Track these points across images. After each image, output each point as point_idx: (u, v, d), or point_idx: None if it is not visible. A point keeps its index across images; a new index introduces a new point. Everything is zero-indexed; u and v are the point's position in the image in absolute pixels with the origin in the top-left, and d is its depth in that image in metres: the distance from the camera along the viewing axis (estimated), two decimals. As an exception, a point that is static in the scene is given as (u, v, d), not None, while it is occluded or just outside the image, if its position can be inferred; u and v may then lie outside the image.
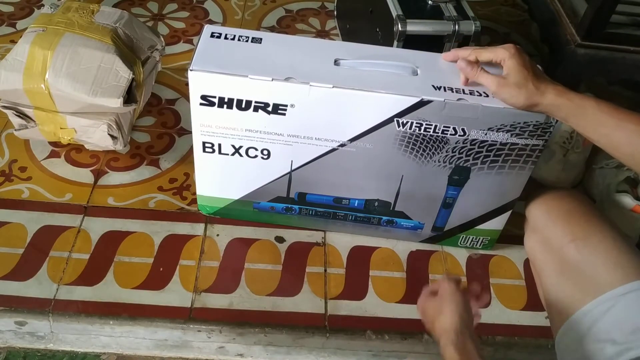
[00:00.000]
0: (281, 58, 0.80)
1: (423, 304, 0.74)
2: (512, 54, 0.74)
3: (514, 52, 0.74)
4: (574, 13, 1.21)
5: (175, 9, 1.51)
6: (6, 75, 0.96)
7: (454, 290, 0.70)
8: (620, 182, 1.05)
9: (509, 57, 0.74)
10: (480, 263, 1.01)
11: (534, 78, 0.73)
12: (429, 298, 0.73)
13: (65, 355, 0.92)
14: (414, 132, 0.81)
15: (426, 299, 0.74)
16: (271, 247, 0.99)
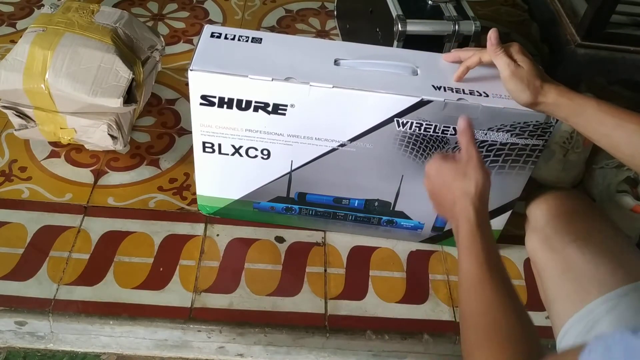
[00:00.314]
0: (281, 58, 0.80)
1: (438, 165, 0.71)
2: (519, 50, 0.75)
3: (519, 49, 0.75)
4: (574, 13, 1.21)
5: (175, 9, 1.52)
6: (6, 75, 0.96)
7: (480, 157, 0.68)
8: (620, 182, 1.05)
9: (516, 52, 0.75)
10: (480, 263, 1.00)
11: (540, 76, 0.73)
12: (445, 160, 0.71)
13: (65, 355, 0.92)
14: (414, 132, 0.81)
15: (442, 160, 0.71)
16: (271, 247, 0.99)
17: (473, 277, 0.60)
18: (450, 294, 0.95)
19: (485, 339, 0.56)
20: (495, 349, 0.54)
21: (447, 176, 0.68)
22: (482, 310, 0.58)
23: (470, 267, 0.60)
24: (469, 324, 0.58)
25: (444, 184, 0.69)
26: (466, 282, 0.61)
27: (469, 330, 0.58)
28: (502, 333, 0.55)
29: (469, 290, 0.60)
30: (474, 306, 0.59)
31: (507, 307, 0.58)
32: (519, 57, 0.74)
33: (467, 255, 0.62)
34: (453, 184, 0.67)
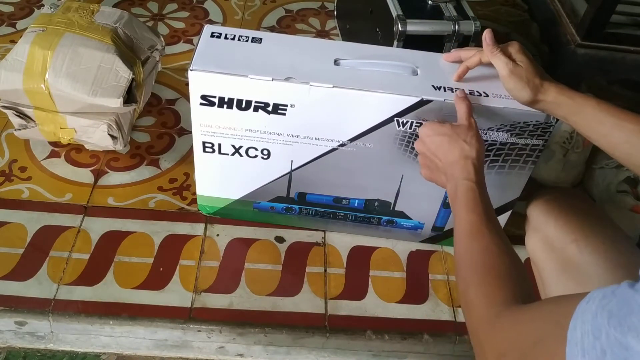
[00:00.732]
0: (281, 58, 0.80)
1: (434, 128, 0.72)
2: (518, 49, 0.75)
3: (519, 47, 0.75)
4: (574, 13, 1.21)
5: (175, 9, 1.52)
6: (6, 75, 0.96)
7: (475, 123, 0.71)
8: (620, 182, 1.05)
9: (516, 51, 0.75)
10: (480, 263, 1.00)
11: (539, 74, 0.74)
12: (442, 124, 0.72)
13: (65, 355, 0.92)
14: (414, 132, 0.81)
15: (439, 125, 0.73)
16: (271, 247, 0.99)
17: (472, 225, 0.62)
18: (450, 294, 0.95)
19: (481, 277, 0.58)
20: (491, 286, 0.56)
21: (445, 139, 0.70)
22: (480, 252, 0.60)
23: (470, 216, 0.63)
24: (466, 264, 0.60)
25: (441, 146, 0.70)
26: (465, 229, 0.63)
27: (465, 270, 0.60)
28: (498, 273, 0.57)
29: (468, 235, 0.62)
30: (473, 248, 0.61)
31: (502, 251, 0.60)
32: (518, 56, 0.74)
33: (466, 207, 0.64)
34: (452, 147, 0.69)
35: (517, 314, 0.51)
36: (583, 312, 0.41)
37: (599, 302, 0.40)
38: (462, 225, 0.64)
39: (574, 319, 0.41)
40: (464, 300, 0.59)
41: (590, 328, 0.39)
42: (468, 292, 0.58)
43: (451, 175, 0.68)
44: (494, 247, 0.60)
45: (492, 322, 0.53)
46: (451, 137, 0.70)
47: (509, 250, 0.61)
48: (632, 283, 0.39)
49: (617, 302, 0.39)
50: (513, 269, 0.58)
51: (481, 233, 0.61)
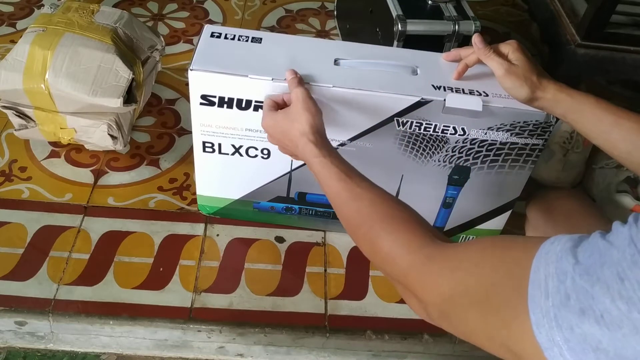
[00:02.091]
0: (281, 58, 0.80)
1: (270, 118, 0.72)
2: (516, 47, 0.75)
3: (517, 46, 0.75)
4: (574, 13, 1.21)
5: (175, 9, 1.52)
6: (6, 75, 0.96)
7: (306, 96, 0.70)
8: (620, 182, 1.04)
9: (513, 50, 0.75)
10: (480, 263, 1.00)
11: (537, 72, 0.74)
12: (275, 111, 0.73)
13: (65, 355, 0.92)
14: (413, 132, 0.81)
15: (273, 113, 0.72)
16: (271, 247, 0.99)
17: (345, 189, 0.60)
18: (450, 294, 0.95)
19: (388, 227, 0.55)
20: (404, 232, 0.53)
21: (282, 125, 0.70)
22: (370, 207, 0.58)
23: (338, 184, 0.61)
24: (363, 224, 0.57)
25: (283, 133, 0.70)
26: (341, 196, 0.60)
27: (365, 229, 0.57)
28: (402, 218, 0.55)
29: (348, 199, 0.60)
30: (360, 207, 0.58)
31: (390, 198, 0.59)
32: (515, 55, 0.74)
33: (330, 179, 0.62)
34: (290, 131, 0.68)
35: (455, 253, 0.49)
36: (547, 252, 0.40)
37: (564, 244, 0.39)
38: (335, 196, 0.61)
39: (537, 259, 0.40)
40: (379, 256, 0.55)
41: (555, 270, 0.38)
42: (380, 246, 0.54)
43: (303, 158, 0.68)
44: (379, 200, 0.58)
45: (425, 264, 0.50)
46: (285, 122, 0.69)
47: (394, 198, 0.59)
48: (603, 233, 0.39)
49: (587, 249, 0.38)
50: (411, 212, 0.57)
51: (357, 193, 0.59)
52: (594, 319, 0.35)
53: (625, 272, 0.35)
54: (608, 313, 0.35)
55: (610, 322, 0.35)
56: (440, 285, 0.48)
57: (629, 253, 0.36)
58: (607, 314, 0.35)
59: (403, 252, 0.52)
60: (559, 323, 0.37)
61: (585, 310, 0.36)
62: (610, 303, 0.35)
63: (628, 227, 0.37)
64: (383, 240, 0.54)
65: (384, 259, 0.54)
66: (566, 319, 0.36)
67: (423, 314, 0.50)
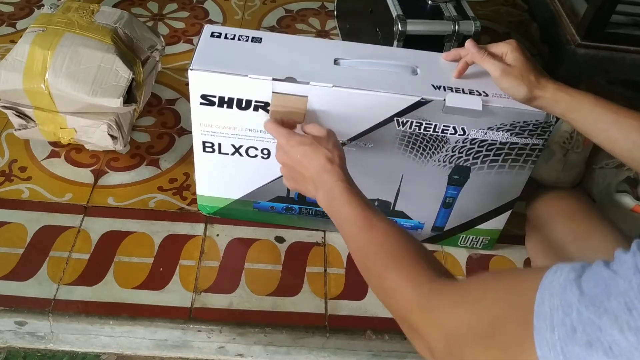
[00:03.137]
0: (281, 58, 0.80)
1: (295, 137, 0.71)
2: (515, 47, 0.75)
3: (516, 45, 0.75)
4: (574, 13, 1.21)
5: (175, 9, 1.52)
6: (6, 75, 0.96)
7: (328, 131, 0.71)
8: (620, 182, 1.04)
9: (511, 50, 0.75)
10: (480, 263, 1.01)
11: (535, 71, 0.73)
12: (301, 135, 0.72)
13: (65, 355, 0.92)
14: (413, 132, 0.81)
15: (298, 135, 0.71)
16: (271, 247, 0.99)
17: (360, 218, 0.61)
18: (450, 294, 0.95)
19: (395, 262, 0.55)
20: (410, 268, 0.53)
21: (308, 148, 0.69)
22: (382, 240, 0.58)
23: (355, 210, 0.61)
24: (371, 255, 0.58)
25: (305, 155, 0.69)
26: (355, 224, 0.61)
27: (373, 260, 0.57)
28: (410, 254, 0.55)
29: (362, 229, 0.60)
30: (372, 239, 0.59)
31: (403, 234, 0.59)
32: (512, 55, 0.74)
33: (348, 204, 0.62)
34: (316, 154, 0.68)
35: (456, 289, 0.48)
36: (550, 283, 0.39)
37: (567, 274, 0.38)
38: (351, 221, 0.62)
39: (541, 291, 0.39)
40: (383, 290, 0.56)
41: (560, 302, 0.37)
42: (385, 280, 0.55)
43: (321, 182, 0.67)
44: (393, 233, 0.58)
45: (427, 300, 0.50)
46: (313, 145, 0.69)
47: (407, 233, 0.59)
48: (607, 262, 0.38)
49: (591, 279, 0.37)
50: (422, 249, 0.57)
51: (373, 223, 0.60)
52: (603, 352, 0.34)
53: (633, 302, 0.34)
54: (617, 345, 0.34)
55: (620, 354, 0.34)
56: (444, 320, 0.47)
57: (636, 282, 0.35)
58: (615, 345, 0.34)
59: (408, 288, 0.52)
60: (566, 357, 0.36)
61: (592, 342, 0.35)
62: (618, 334, 0.34)
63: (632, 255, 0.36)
64: (390, 274, 0.55)
65: (389, 293, 0.55)
66: (574, 353, 0.36)
67: (427, 354, 0.50)
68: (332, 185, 0.65)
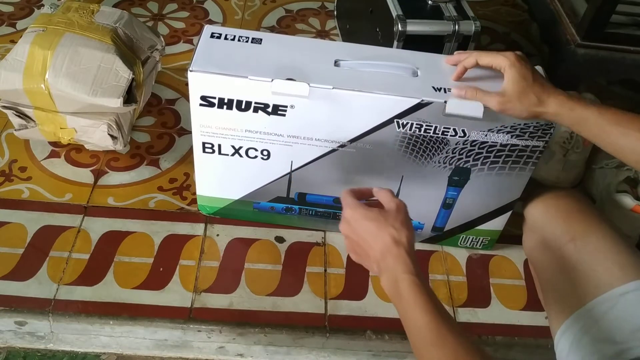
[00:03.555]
0: (281, 59, 0.80)
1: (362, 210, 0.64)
2: (512, 63, 0.73)
3: (514, 60, 0.73)
4: (574, 13, 1.21)
5: (175, 9, 1.51)
6: (6, 75, 0.96)
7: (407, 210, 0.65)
8: (620, 182, 1.05)
9: (508, 66, 0.73)
10: (480, 263, 1.01)
11: (534, 88, 0.72)
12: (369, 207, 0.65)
13: (65, 355, 0.92)
14: (414, 133, 0.81)
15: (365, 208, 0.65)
16: (271, 247, 0.99)
17: (431, 329, 0.56)
18: (450, 294, 0.95)
19: None
20: None
21: (374, 225, 0.63)
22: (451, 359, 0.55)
23: (426, 317, 0.57)
24: None
25: (369, 232, 0.63)
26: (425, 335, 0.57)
27: None
28: None
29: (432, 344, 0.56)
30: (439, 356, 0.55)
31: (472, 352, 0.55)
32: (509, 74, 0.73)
33: (418, 307, 0.58)
34: (381, 233, 0.62)
35: None
36: None
37: None
38: (420, 331, 0.57)
39: None
40: None
41: None
42: None
43: (385, 266, 0.62)
44: (462, 352, 0.55)
45: None
46: (379, 222, 0.63)
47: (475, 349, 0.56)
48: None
49: None
50: None
51: (444, 337, 0.56)
52: None
53: None
54: None
55: None
56: None
57: None
58: None
59: None
60: None
61: None
62: None
63: None
64: None
65: None
66: None
67: None
68: (397, 277, 0.60)
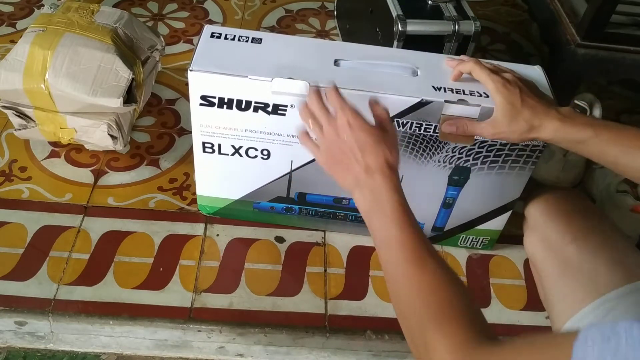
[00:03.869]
0: (281, 58, 0.80)
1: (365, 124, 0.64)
2: (497, 89, 0.72)
3: (500, 87, 0.71)
4: (574, 13, 1.21)
5: (175, 9, 1.52)
6: (6, 75, 0.96)
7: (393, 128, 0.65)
8: (620, 182, 1.05)
9: (494, 92, 0.72)
10: (480, 263, 1.01)
11: (524, 114, 0.70)
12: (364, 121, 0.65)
13: (65, 355, 0.92)
14: (414, 133, 0.81)
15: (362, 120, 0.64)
16: (271, 247, 0.99)
17: (408, 247, 0.56)
18: (450, 294, 0.95)
19: (437, 314, 0.52)
20: (451, 325, 0.50)
21: (373, 139, 0.63)
22: (428, 282, 0.54)
23: (404, 235, 0.56)
24: (413, 297, 0.54)
25: (367, 145, 0.63)
26: (402, 252, 0.56)
27: (414, 304, 0.53)
28: (455, 307, 0.52)
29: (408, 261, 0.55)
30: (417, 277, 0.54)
31: (452, 279, 0.55)
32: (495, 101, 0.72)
33: (398, 224, 0.57)
34: (377, 150, 0.62)
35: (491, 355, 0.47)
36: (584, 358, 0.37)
37: (600, 344, 0.36)
38: (397, 247, 0.56)
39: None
40: (421, 341, 0.51)
41: None
42: (424, 332, 0.51)
43: (371, 183, 0.61)
44: (442, 275, 0.54)
45: None
46: (377, 139, 0.63)
47: (455, 276, 0.55)
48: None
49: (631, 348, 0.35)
50: (468, 301, 0.53)
51: (422, 258, 0.55)
52: None
53: None
54: None
55: None
56: None
57: None
58: None
59: (444, 349, 0.49)
60: None
61: None
62: None
63: None
64: (428, 326, 0.51)
65: (424, 348, 0.51)
66: None
67: None
68: (383, 194, 0.60)
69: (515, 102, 0.71)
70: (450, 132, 0.77)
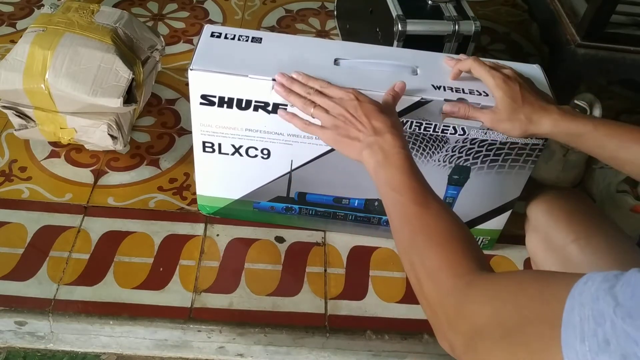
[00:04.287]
0: (281, 58, 0.80)
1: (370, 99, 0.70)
2: (497, 85, 0.73)
3: (500, 83, 0.73)
4: (574, 13, 1.21)
5: (175, 9, 1.52)
6: (6, 75, 0.96)
7: None
8: (620, 182, 1.05)
9: (494, 88, 0.73)
10: (480, 263, 1.00)
11: (524, 109, 0.71)
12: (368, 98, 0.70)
13: (65, 355, 0.92)
14: (413, 132, 0.81)
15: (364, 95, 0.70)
16: (271, 247, 0.99)
17: (416, 191, 0.60)
18: (450, 294, 0.95)
19: (442, 245, 0.55)
20: (455, 255, 0.53)
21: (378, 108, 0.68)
22: (433, 218, 0.57)
23: (412, 182, 0.61)
24: (418, 232, 0.57)
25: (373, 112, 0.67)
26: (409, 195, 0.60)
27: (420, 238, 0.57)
28: (457, 240, 0.55)
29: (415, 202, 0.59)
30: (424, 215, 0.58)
31: (454, 217, 0.58)
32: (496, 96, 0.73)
33: (407, 173, 0.62)
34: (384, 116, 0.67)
35: (493, 284, 0.48)
36: (581, 293, 0.38)
37: (599, 284, 0.37)
38: (405, 191, 0.60)
39: (570, 300, 0.38)
40: (424, 271, 0.54)
41: (591, 312, 0.36)
42: (428, 261, 0.54)
43: (381, 141, 0.65)
44: (445, 214, 0.58)
45: (464, 293, 0.49)
46: (383, 108, 0.69)
47: (456, 216, 0.59)
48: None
49: (626, 290, 0.36)
50: (469, 236, 0.56)
51: (428, 200, 0.59)
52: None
53: None
54: None
55: None
56: (475, 313, 0.47)
57: None
58: None
59: (448, 276, 0.51)
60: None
61: (627, 356, 0.33)
62: None
63: None
64: (433, 256, 0.54)
65: (428, 276, 0.53)
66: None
67: (446, 345, 0.50)
68: (393, 150, 0.64)
69: (516, 97, 0.72)
70: (452, 112, 0.78)
